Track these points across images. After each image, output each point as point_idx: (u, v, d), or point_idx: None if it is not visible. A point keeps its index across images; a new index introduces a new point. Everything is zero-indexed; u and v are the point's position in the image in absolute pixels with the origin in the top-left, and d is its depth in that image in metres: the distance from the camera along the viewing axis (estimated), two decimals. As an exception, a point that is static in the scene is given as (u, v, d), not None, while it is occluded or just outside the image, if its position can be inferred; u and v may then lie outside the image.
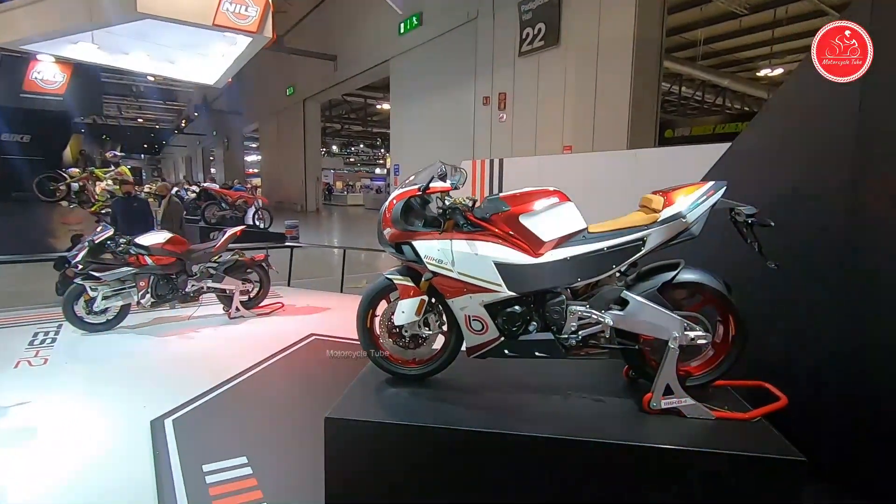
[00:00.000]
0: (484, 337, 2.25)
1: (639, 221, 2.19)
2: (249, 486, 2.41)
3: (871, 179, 2.23)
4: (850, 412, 2.26)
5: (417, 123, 16.26)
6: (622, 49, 9.69)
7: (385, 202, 2.35)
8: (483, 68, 13.23)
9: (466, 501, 2.08)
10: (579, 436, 1.99)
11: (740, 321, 2.19)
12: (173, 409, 3.20)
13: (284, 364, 4.11)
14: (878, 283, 2.22)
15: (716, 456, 1.90)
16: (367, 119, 33.30)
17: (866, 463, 2.24)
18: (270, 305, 5.78)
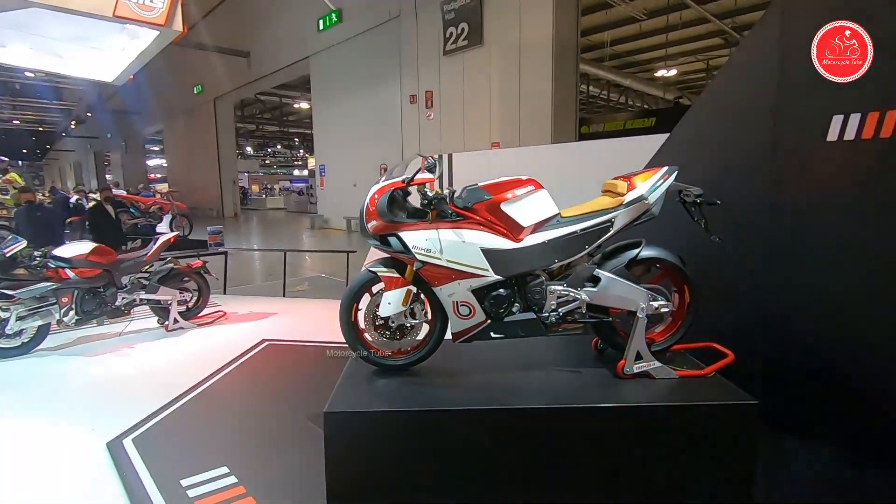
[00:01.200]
0: (471, 321, 2.36)
1: (606, 205, 2.41)
2: (238, 494, 2.33)
3: (787, 162, 2.61)
4: (779, 362, 2.64)
5: (342, 122, 16.00)
6: (542, 49, 10.23)
7: (367, 196, 2.38)
8: (408, 67, 13.32)
9: (468, 479, 2.18)
10: (567, 403, 2.17)
11: (694, 290, 2.48)
12: (130, 429, 2.98)
13: (242, 372, 3.94)
14: (796, 250, 2.61)
15: (684, 408, 2.16)
16: (284, 119, 32.07)
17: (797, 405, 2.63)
18: (211, 315, 5.47)
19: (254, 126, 32.86)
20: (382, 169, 13.97)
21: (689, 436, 2.16)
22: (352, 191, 15.85)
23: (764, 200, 2.69)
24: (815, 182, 2.57)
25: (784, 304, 2.68)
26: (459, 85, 12.04)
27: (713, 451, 2.17)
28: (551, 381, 2.41)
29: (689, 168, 2.53)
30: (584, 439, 2.17)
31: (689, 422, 2.16)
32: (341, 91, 15.86)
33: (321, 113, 17.32)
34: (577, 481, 2.19)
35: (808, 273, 2.62)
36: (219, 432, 2.97)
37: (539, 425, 2.15)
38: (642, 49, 19.82)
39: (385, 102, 14.28)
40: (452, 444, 2.17)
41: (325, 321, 5.47)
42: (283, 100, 27.61)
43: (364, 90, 14.98)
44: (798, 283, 2.64)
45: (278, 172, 45.52)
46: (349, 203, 15.99)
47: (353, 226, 16.09)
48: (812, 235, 2.59)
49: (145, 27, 7.56)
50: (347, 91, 15.59)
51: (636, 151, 4.09)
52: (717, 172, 2.80)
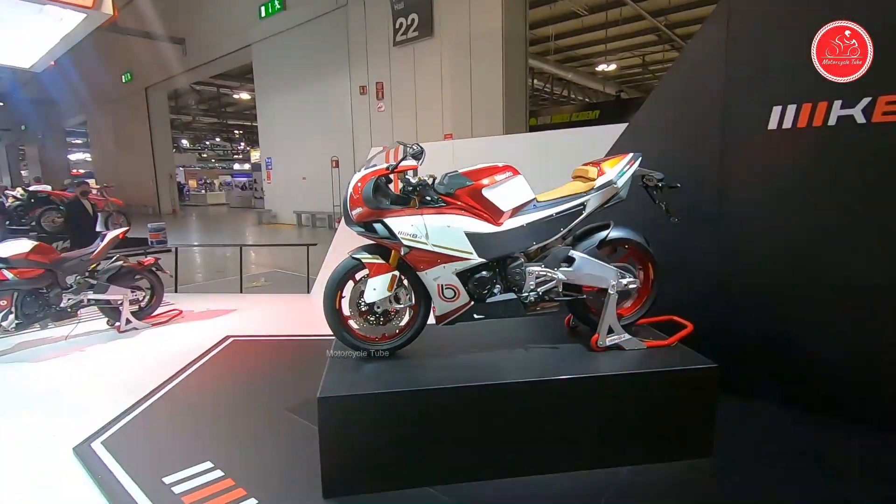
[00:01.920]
0: (456, 303, 2.45)
1: (578, 189, 2.56)
2: (228, 486, 2.29)
3: (734, 147, 2.87)
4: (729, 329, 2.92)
5: (289, 114, 15.55)
6: (493, 41, 10.40)
7: (349, 185, 2.40)
8: (357, 57, 13.12)
9: (460, 455, 2.28)
10: (548, 376, 2.30)
11: (657, 268, 2.69)
12: (97, 432, 2.84)
13: (209, 369, 3.83)
14: (742, 226, 2.89)
15: (655, 374, 2.35)
16: (222, 110, 30.58)
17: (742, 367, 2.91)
18: (166, 313, 5.23)
19: (190, 117, 31.17)
20: (334, 162, 13.74)
21: (659, 399, 2.36)
22: (301, 184, 15.48)
23: (713, 184, 2.95)
24: (757, 166, 2.85)
25: (730, 279, 2.96)
26: (411, 76, 12.02)
27: (681, 410, 2.39)
28: (531, 358, 2.54)
29: (646, 155, 2.72)
30: (565, 409, 2.32)
31: (660, 386, 2.36)
32: (287, 81, 15.38)
33: (266, 104, 16.72)
34: (561, 449, 2.34)
35: (750, 250, 2.91)
36: (196, 429, 2.90)
37: (524, 398, 2.27)
38: (584, 44, 20.47)
39: (334, 94, 14.01)
40: (444, 422, 2.25)
41: (288, 315, 5.40)
42: (221, 90, 26.35)
43: (311, 81, 14.61)
44: (742, 260, 2.92)
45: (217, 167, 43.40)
46: (299, 197, 15.61)
47: (303, 220, 15.73)
48: (754, 215, 2.87)
49: (70, 9, 7.01)
50: (294, 82, 15.15)
51: (587, 142, 4.32)
52: (670, 159, 3.02)
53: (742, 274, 2.94)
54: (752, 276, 2.92)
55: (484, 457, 2.29)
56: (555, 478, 2.30)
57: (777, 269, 2.85)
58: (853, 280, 2.61)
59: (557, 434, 2.34)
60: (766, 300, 2.89)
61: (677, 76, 3.21)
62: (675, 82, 3.23)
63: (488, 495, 2.19)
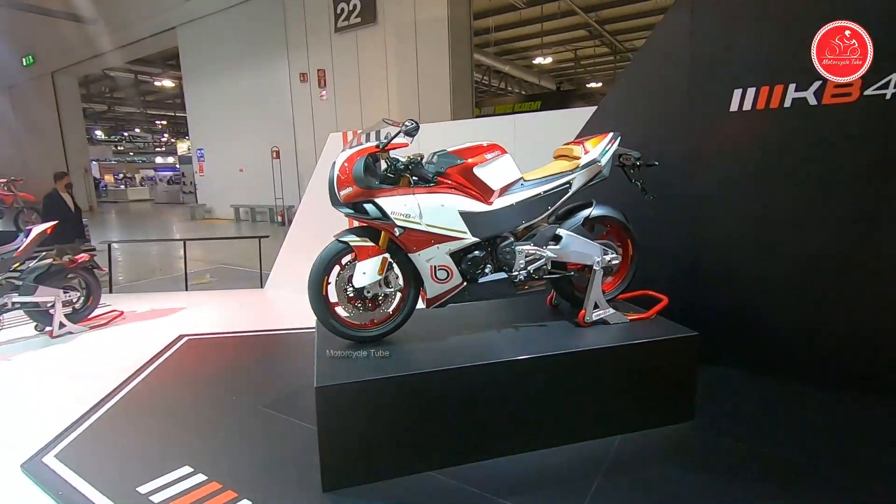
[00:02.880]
0: (448, 285, 2.41)
1: (563, 168, 2.59)
2: (215, 490, 2.12)
3: (699, 129, 3.03)
4: (696, 301, 3.09)
5: (223, 102, 14.67)
6: (438, 29, 10.32)
7: (335, 164, 2.28)
8: (296, 43, 12.59)
9: (458, 436, 2.25)
10: (540, 353, 2.32)
11: (636, 244, 2.78)
12: (46, 446, 2.54)
13: (166, 370, 3.53)
14: (707, 202, 3.06)
15: (641, 345, 2.44)
16: (142, 98, 28.28)
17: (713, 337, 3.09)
18: (105, 315, 4.78)
19: (105, 106, 28.61)
20: (274, 152, 13.14)
21: (646, 368, 2.45)
22: (239, 176, 14.68)
23: (680, 164, 3.09)
24: (722, 146, 3.02)
25: (696, 254, 3.13)
26: (354, 64, 11.69)
27: (666, 378, 2.51)
28: (523, 336, 2.55)
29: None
30: (560, 384, 2.35)
31: (646, 356, 2.45)
32: (219, 68, 14.47)
33: (195, 92, 15.65)
34: (557, 423, 2.38)
35: (714, 226, 3.09)
36: (166, 433, 2.66)
37: (518, 375, 2.28)
38: (521, 37, 20.85)
39: (272, 81, 13.36)
40: (442, 405, 2.22)
41: (244, 311, 5.11)
42: (140, 76, 24.35)
43: (247, 67, 13.84)
44: (707, 236, 3.10)
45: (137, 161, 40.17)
46: (237, 189, 14.81)
47: (241, 214, 14.95)
48: (717, 193, 3.05)
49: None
50: (226, 68, 14.28)
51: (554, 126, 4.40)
52: (640, 141, 3.13)
53: (707, 248, 3.12)
54: (717, 250, 3.10)
55: (483, 436, 2.29)
56: (553, 452, 2.33)
57: (738, 242, 3.05)
58: (806, 251, 2.84)
59: (553, 409, 2.37)
60: (729, 273, 3.09)
61: (644, 61, 3.33)
62: (643, 67, 3.35)
63: (490, 474, 2.18)
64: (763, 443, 2.37)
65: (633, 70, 3.45)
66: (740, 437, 2.42)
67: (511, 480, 2.14)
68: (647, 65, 3.29)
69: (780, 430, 2.49)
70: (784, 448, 2.33)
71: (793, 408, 2.69)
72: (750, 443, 2.38)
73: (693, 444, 2.39)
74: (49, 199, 6.44)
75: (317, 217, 5.28)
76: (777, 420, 2.59)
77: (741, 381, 2.94)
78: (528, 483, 2.12)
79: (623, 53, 22.12)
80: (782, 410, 2.68)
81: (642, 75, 3.32)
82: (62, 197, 6.51)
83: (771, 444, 2.36)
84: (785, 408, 2.70)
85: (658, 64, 3.20)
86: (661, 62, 3.17)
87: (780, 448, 2.33)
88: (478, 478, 2.16)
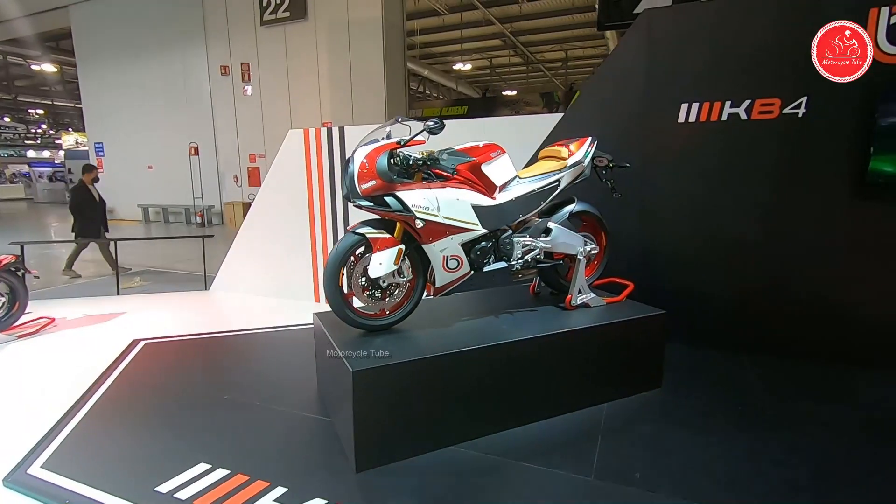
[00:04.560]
0: (457, 273, 2.59)
1: (553, 168, 2.88)
2: (243, 482, 2.09)
3: (651, 136, 3.49)
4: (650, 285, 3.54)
5: (127, 93, 13.43)
6: (373, 29, 10.35)
7: (353, 159, 2.37)
8: (216, 34, 11.92)
9: (475, 411, 2.44)
10: (540, 333, 2.59)
11: (609, 236, 3.15)
12: (26, 458, 2.33)
13: (131, 375, 3.28)
14: (657, 200, 3.53)
15: (621, 323, 2.79)
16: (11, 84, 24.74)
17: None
18: (34, 322, 4.30)
19: (-35, 91, 24.68)
20: (192, 149, 12.29)
21: (625, 343, 2.82)
22: (148, 174, 13.51)
23: (636, 167, 3.53)
24: (671, 151, 3.50)
25: (649, 244, 3.60)
26: (282, 59, 11.32)
27: (640, 351, 2.89)
28: (519, 320, 2.80)
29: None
30: (555, 359, 2.62)
31: (625, 333, 2.81)
32: (123, 54, 13.22)
33: (93, 80, 14.13)
34: (554, 393, 2.66)
35: (663, 219, 3.57)
36: (164, 435, 2.52)
37: (524, 354, 2.51)
38: (441, 42, 21.34)
39: (188, 72, 12.50)
40: (458, 383, 2.38)
41: (195, 314, 4.86)
42: (10, 58, 21.34)
43: (157, 56, 12.80)
44: (657, 228, 3.58)
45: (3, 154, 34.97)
46: (146, 188, 13.61)
47: (151, 215, 13.77)
48: (665, 192, 3.53)
49: None
50: (132, 55, 13.09)
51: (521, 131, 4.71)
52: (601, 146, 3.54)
53: (657, 239, 3.59)
54: (665, 240, 3.59)
55: (495, 410, 2.50)
56: (554, 421, 2.60)
57: (682, 232, 3.55)
58: (733, 238, 3.40)
59: (552, 383, 2.64)
60: (674, 260, 3.59)
61: (606, 76, 3.74)
62: (604, 81, 3.76)
63: (506, 443, 2.40)
64: (718, 400, 2.83)
65: (596, 83, 3.86)
66: (699, 398, 2.86)
67: (525, 447, 2.37)
68: (608, 79, 3.71)
69: (729, 390, 2.97)
70: (735, 403, 2.80)
71: (734, 372, 3.21)
72: (708, 401, 2.83)
73: (667, 406, 2.79)
74: (76, 190, 6.68)
75: (272, 217, 5.16)
76: (725, 382, 3.08)
77: (686, 354, 3.42)
78: (541, 448, 2.37)
79: (534, 64, 23.51)
80: (727, 374, 3.18)
81: (604, 88, 3.73)
82: (89, 189, 6.76)
83: (725, 401, 2.82)
84: (728, 372, 3.21)
85: (617, 79, 3.63)
86: (620, 77, 3.60)
87: (732, 404, 2.80)
88: (495, 447, 2.37)
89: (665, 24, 3.41)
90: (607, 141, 3.54)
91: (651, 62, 3.44)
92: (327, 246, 4.94)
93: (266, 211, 5.21)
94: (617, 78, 3.63)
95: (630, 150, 3.53)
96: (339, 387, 2.37)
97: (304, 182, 4.89)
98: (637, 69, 3.48)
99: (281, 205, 5.10)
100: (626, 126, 3.58)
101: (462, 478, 2.17)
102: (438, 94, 27.17)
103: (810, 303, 3.29)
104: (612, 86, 3.65)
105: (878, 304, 3.14)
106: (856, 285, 3.18)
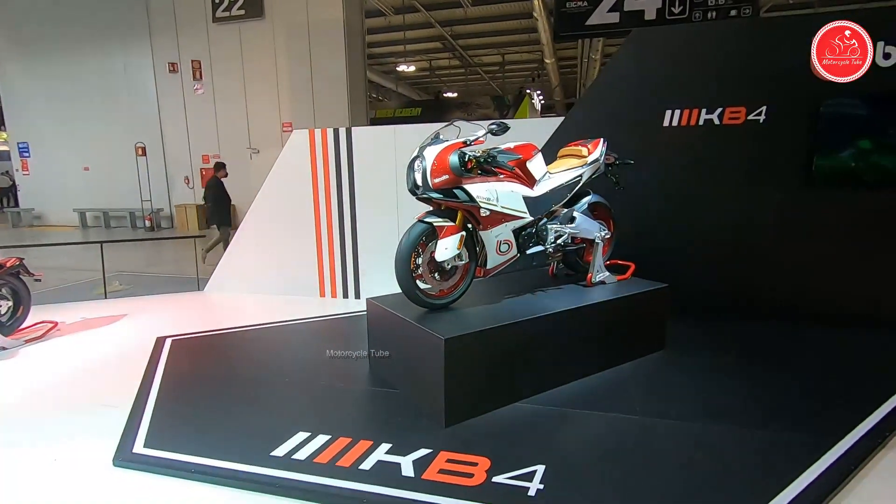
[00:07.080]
0: (507, 256, 2.98)
1: (575, 164, 3.35)
2: (348, 444, 2.33)
3: (641, 138, 4.07)
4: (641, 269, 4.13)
5: (59, 89, 12.49)
6: (334, 30, 10.39)
7: (425, 157, 2.69)
8: (163, 29, 11.42)
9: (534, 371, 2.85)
10: (573, 306, 3.05)
11: (616, 223, 3.68)
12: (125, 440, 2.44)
13: (178, 368, 3.32)
14: (645, 196, 4.12)
15: (633, 296, 3.32)
16: None
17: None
18: (38, 326, 4.15)
19: None
20: (139, 149, 11.66)
21: (637, 312, 3.35)
22: (84, 176, 12.61)
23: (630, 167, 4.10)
24: (657, 151, 4.10)
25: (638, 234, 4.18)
26: (237, 58, 11.06)
27: (648, 319, 3.43)
28: (554, 297, 3.24)
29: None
30: (590, 325, 3.10)
31: (637, 304, 3.34)
32: (50, 48, 12.25)
33: (15, 75, 12.92)
34: (587, 355, 3.12)
35: (649, 213, 4.17)
36: (248, 414, 2.69)
37: (561, 323, 2.96)
38: (383, 42, 21.48)
39: (130, 69, 11.83)
40: (525, 348, 2.79)
41: (199, 311, 4.89)
42: None
43: (92, 50, 11.99)
44: (645, 221, 4.17)
45: None
46: (82, 192, 12.68)
47: (89, 220, 12.85)
48: (652, 188, 4.13)
49: None
50: (62, 48, 12.17)
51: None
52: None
53: (646, 228, 4.18)
54: (653, 229, 4.19)
55: (552, 370, 2.93)
56: (591, 379, 3.07)
57: (667, 222, 4.17)
58: (707, 227, 4.06)
59: (587, 347, 3.11)
60: (661, 246, 4.19)
61: (602, 84, 4.29)
62: (601, 89, 4.31)
63: (561, 397, 2.83)
64: (712, 357, 3.43)
65: (593, 91, 4.40)
66: (697, 356, 3.45)
67: (578, 399, 2.82)
68: (603, 87, 4.26)
69: (718, 349, 3.59)
70: (727, 358, 3.41)
71: (716, 333, 3.85)
72: (705, 357, 3.42)
73: (676, 363, 3.34)
74: (215, 185, 7.33)
75: (275, 217, 5.25)
76: (714, 342, 3.70)
77: (676, 321, 4.03)
78: (591, 399, 2.82)
79: (472, 67, 24.28)
80: (713, 336, 3.81)
81: (600, 95, 4.28)
82: (222, 183, 7.41)
83: (717, 357, 3.42)
84: (712, 334, 3.84)
85: (612, 87, 4.18)
86: (615, 86, 4.15)
87: (725, 358, 3.40)
88: (554, 401, 2.79)
89: (652, 43, 4.01)
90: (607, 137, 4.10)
91: (640, 74, 4.02)
92: (333, 245, 5.12)
93: (268, 211, 5.29)
94: (611, 87, 4.18)
95: (622, 149, 4.08)
96: (419, 357, 2.69)
97: (309, 182, 5.05)
98: (628, 80, 4.05)
99: (284, 205, 5.21)
100: (618, 129, 4.13)
101: (536, 425, 2.57)
102: (378, 96, 27.27)
103: (773, 271, 3.99)
104: (607, 94, 4.20)
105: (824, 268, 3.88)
106: (809, 255, 3.91)
